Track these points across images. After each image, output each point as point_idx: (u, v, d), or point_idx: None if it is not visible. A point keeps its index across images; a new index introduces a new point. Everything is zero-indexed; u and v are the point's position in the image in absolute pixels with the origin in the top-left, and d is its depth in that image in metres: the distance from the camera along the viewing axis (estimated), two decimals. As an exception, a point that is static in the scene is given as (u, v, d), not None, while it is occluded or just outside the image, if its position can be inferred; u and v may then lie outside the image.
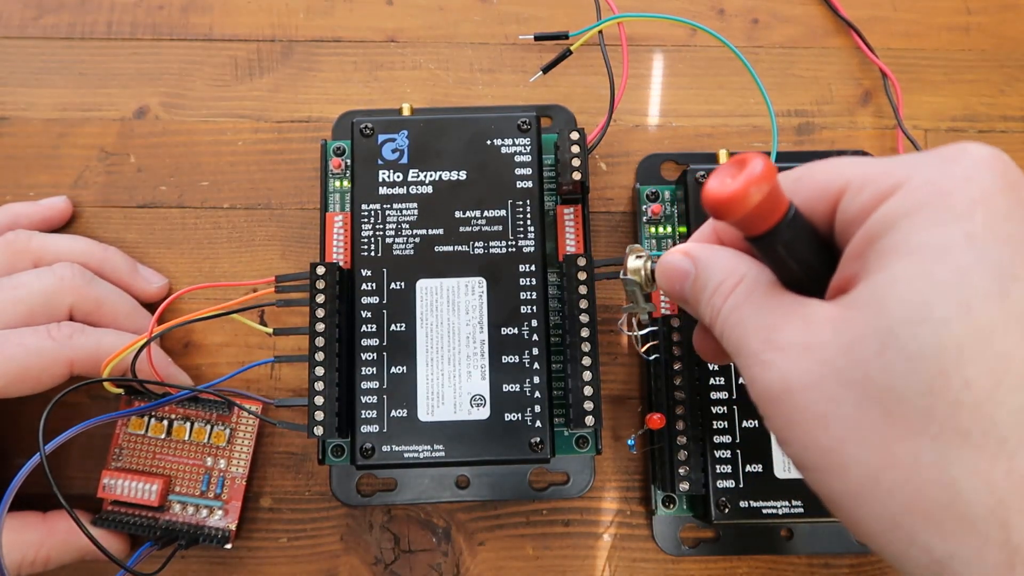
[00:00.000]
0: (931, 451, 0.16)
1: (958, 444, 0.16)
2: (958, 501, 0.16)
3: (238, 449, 0.34)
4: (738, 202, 0.18)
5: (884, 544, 0.17)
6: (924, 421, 0.16)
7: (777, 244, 0.19)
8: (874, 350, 0.17)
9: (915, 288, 0.17)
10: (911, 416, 0.16)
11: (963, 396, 0.16)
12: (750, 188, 0.18)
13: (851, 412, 0.17)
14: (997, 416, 0.16)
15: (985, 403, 0.16)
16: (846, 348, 0.17)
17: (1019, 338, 0.16)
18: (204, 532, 0.33)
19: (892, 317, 0.17)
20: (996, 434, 0.16)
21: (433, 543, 0.34)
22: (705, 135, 0.39)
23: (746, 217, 0.18)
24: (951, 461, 0.16)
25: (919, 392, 0.16)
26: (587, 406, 0.30)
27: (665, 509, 0.34)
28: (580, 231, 0.34)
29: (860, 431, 0.17)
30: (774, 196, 0.18)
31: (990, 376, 0.16)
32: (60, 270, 0.32)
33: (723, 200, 0.18)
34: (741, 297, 0.21)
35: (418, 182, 0.33)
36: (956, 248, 0.16)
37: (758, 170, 0.18)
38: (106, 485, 0.33)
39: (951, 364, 0.16)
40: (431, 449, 0.30)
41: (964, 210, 0.17)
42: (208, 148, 0.38)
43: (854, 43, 0.40)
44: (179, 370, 0.34)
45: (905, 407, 0.16)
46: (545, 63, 0.37)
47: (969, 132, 0.39)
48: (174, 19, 0.40)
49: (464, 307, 0.32)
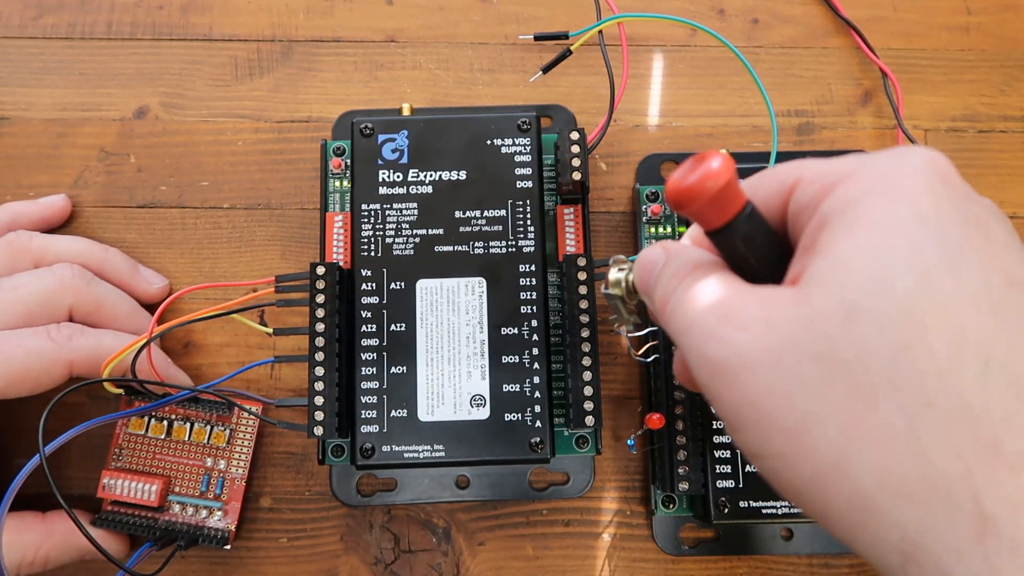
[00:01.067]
0: (900, 421, 0.16)
1: (926, 413, 0.16)
2: (930, 471, 0.16)
3: (238, 450, 0.34)
4: (695, 193, 0.19)
5: (853, 529, 0.17)
6: (891, 390, 0.16)
7: (734, 238, 0.20)
8: (838, 322, 0.17)
9: (875, 259, 0.17)
10: (878, 386, 0.16)
11: (928, 365, 0.16)
12: (707, 181, 0.19)
13: (817, 387, 0.17)
14: (961, 384, 0.16)
15: (948, 372, 0.16)
16: (809, 321, 0.17)
17: (973, 311, 0.16)
18: (203, 533, 0.33)
19: (855, 288, 0.17)
20: (961, 402, 0.16)
21: (433, 543, 0.34)
22: (705, 135, 0.39)
23: (703, 208, 0.19)
24: (920, 430, 0.16)
25: (885, 361, 0.16)
26: (587, 406, 0.30)
27: (665, 509, 0.34)
28: (580, 231, 0.34)
29: (827, 406, 0.17)
30: (730, 190, 0.19)
31: (952, 345, 0.16)
32: (60, 271, 0.32)
33: (682, 190, 0.19)
34: (698, 276, 0.20)
35: (418, 182, 0.33)
36: (909, 224, 0.17)
37: (716, 164, 0.19)
38: (106, 485, 0.33)
39: (915, 334, 0.16)
40: (431, 449, 0.30)
41: (913, 193, 0.18)
42: (208, 148, 0.38)
43: (854, 43, 0.40)
44: (179, 370, 0.34)
45: (872, 377, 0.16)
46: (545, 63, 0.37)
47: (969, 132, 0.39)
48: (174, 19, 0.40)
49: (464, 307, 0.32)
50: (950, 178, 0.19)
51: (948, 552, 0.16)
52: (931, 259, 0.17)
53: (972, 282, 0.17)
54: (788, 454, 0.17)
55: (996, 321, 0.16)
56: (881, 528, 0.16)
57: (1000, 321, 0.16)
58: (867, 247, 0.17)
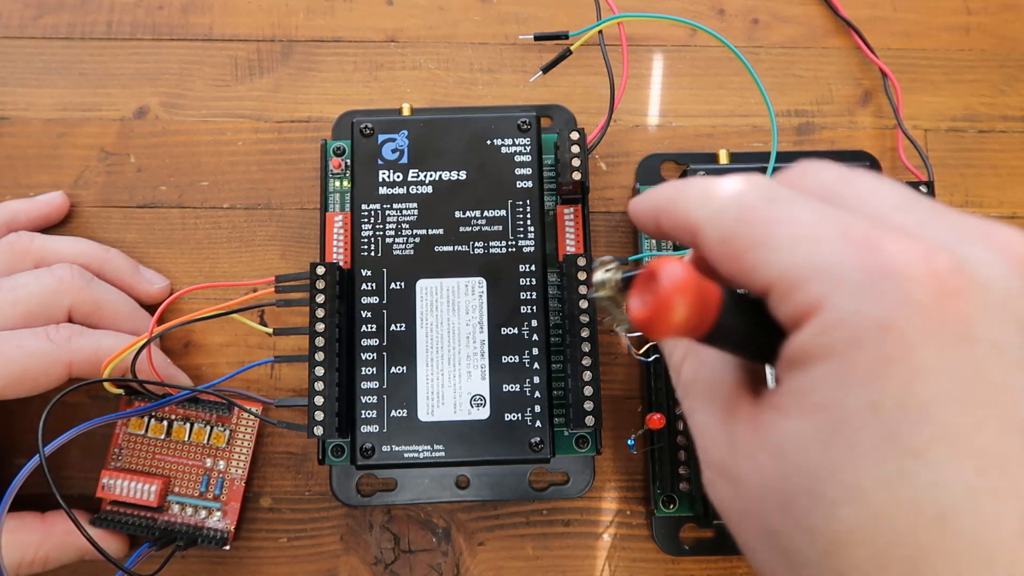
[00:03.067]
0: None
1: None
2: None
3: (238, 450, 0.34)
4: (664, 322, 0.16)
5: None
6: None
7: (723, 339, 0.18)
8: (776, 509, 0.16)
9: (809, 460, 0.16)
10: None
11: (855, 574, 0.15)
12: (673, 300, 0.16)
13: (767, 556, 0.17)
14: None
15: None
16: (758, 497, 0.17)
17: (911, 525, 0.14)
18: (203, 533, 0.33)
19: (789, 481, 0.16)
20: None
21: (433, 543, 0.34)
22: (705, 135, 0.39)
23: (680, 332, 0.17)
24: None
25: (814, 562, 0.16)
26: (587, 406, 0.30)
27: (665, 509, 0.34)
28: (580, 231, 0.34)
29: (774, 569, 0.17)
30: (701, 302, 0.17)
31: (877, 561, 0.15)
32: (59, 271, 0.32)
33: (648, 322, 0.17)
34: (687, 378, 0.20)
35: (418, 182, 0.33)
36: (856, 422, 0.15)
37: (673, 281, 0.16)
38: (105, 485, 0.33)
39: (839, 547, 0.15)
40: (431, 449, 0.30)
41: (874, 372, 0.15)
42: (208, 148, 0.38)
43: (854, 43, 0.40)
44: (178, 370, 0.34)
45: (806, 570, 0.16)
46: (545, 63, 0.37)
47: (969, 132, 0.39)
48: (174, 19, 0.40)
49: (464, 307, 0.32)
50: (944, 326, 0.15)
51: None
52: (870, 468, 0.15)
53: (918, 487, 0.15)
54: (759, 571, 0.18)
55: (935, 541, 0.15)
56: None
57: (940, 540, 0.15)
58: (808, 440, 0.16)
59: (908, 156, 0.38)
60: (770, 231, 0.17)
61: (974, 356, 0.15)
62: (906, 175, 0.38)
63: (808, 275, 0.16)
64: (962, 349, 0.15)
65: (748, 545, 0.18)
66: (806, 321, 0.16)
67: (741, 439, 0.18)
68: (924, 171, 0.37)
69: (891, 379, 0.15)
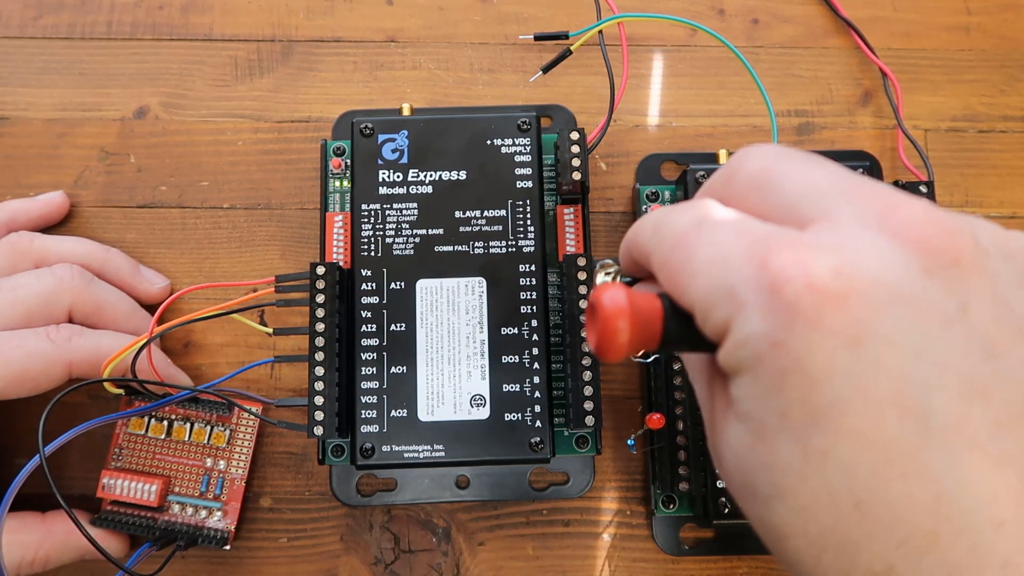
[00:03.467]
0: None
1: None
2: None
3: (238, 450, 0.34)
4: (612, 344, 0.18)
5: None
6: (785, 562, 0.18)
7: (678, 345, 0.19)
8: (739, 495, 0.18)
9: (744, 462, 0.18)
10: (778, 554, 0.18)
11: (799, 558, 0.17)
12: (615, 325, 0.17)
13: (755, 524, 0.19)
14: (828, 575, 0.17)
15: (814, 569, 0.17)
16: (728, 479, 0.19)
17: (832, 513, 0.16)
18: (203, 533, 0.33)
19: (740, 476, 0.18)
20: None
21: (433, 543, 0.34)
22: (705, 135, 0.39)
23: (631, 350, 0.18)
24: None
25: (772, 546, 0.18)
26: (587, 406, 0.30)
27: (665, 509, 0.34)
28: (580, 231, 0.34)
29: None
30: (643, 320, 0.18)
31: (813, 548, 0.16)
32: (60, 271, 0.32)
33: (598, 348, 0.18)
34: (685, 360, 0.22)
35: (418, 182, 0.33)
36: (769, 430, 0.17)
37: (611, 306, 0.17)
38: (105, 485, 0.33)
39: (782, 536, 0.17)
40: (431, 449, 0.30)
41: (774, 385, 0.16)
42: (208, 148, 0.38)
43: (854, 43, 0.40)
44: (179, 370, 0.34)
45: (772, 547, 0.18)
46: (545, 63, 0.37)
47: (969, 132, 0.39)
48: (174, 19, 0.40)
49: (464, 307, 0.32)
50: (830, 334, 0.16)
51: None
52: (788, 467, 0.16)
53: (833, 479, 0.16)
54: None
55: (858, 524, 0.16)
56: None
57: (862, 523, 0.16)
58: (739, 446, 0.18)
59: (908, 156, 0.38)
60: (693, 255, 0.18)
61: (866, 355, 0.15)
62: (906, 175, 0.38)
63: (716, 300, 0.17)
64: (852, 351, 0.15)
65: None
66: (723, 341, 0.17)
67: (719, 425, 0.19)
68: (924, 171, 0.37)
69: (790, 390, 0.16)
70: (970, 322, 0.16)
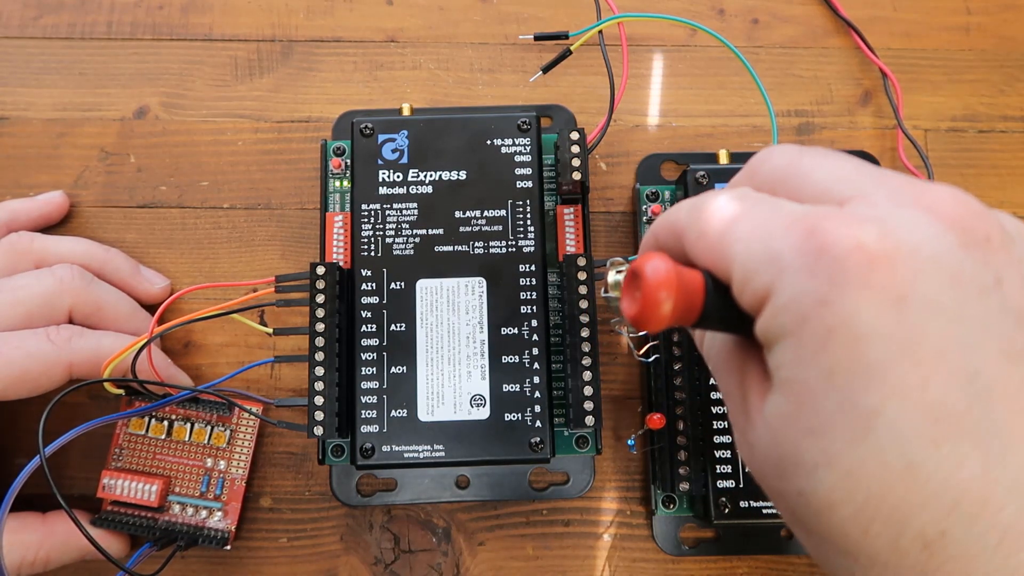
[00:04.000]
0: (838, 564, 0.17)
1: (852, 563, 0.17)
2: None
3: (238, 450, 0.34)
4: (654, 316, 0.17)
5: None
6: (824, 543, 0.17)
7: (716, 322, 0.19)
8: (775, 475, 0.18)
9: (787, 430, 0.17)
10: (818, 540, 0.18)
11: (843, 530, 0.17)
12: (659, 296, 0.17)
13: (783, 512, 0.19)
14: (875, 547, 0.16)
15: (861, 538, 0.16)
16: (764, 460, 0.18)
17: (882, 477, 0.16)
18: (203, 533, 0.33)
19: (780, 452, 0.18)
20: (878, 560, 0.16)
21: (433, 543, 0.34)
22: (705, 135, 0.39)
23: (672, 322, 0.18)
24: (850, 573, 0.17)
25: (813, 522, 0.17)
26: (587, 406, 0.30)
27: (665, 509, 0.34)
28: (580, 231, 0.34)
29: (793, 527, 0.19)
30: (685, 292, 0.18)
31: (861, 516, 0.16)
32: (60, 272, 0.32)
33: (638, 318, 0.18)
34: (708, 347, 0.22)
35: (418, 182, 0.33)
36: (815, 391, 0.16)
37: (656, 277, 0.17)
38: (106, 485, 0.33)
39: (825, 506, 0.17)
40: (431, 449, 0.30)
41: (820, 344, 0.16)
42: (208, 148, 0.38)
43: (854, 43, 0.40)
44: (179, 370, 0.34)
45: (812, 533, 0.18)
46: (545, 63, 0.37)
47: (969, 132, 0.39)
48: (174, 19, 0.40)
49: (464, 307, 0.32)
50: (877, 287, 0.16)
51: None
52: (838, 431, 0.16)
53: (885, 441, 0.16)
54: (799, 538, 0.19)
55: (909, 489, 0.16)
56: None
57: (913, 487, 0.16)
58: (784, 414, 0.17)
59: (908, 156, 0.38)
60: (734, 226, 0.18)
61: (911, 316, 0.16)
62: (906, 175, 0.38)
63: (758, 266, 0.17)
64: (898, 311, 0.16)
65: (776, 505, 0.19)
66: (762, 308, 0.17)
67: (753, 407, 0.19)
68: (924, 171, 0.37)
69: (837, 348, 0.16)
70: (1004, 294, 0.16)
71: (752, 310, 0.18)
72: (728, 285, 0.18)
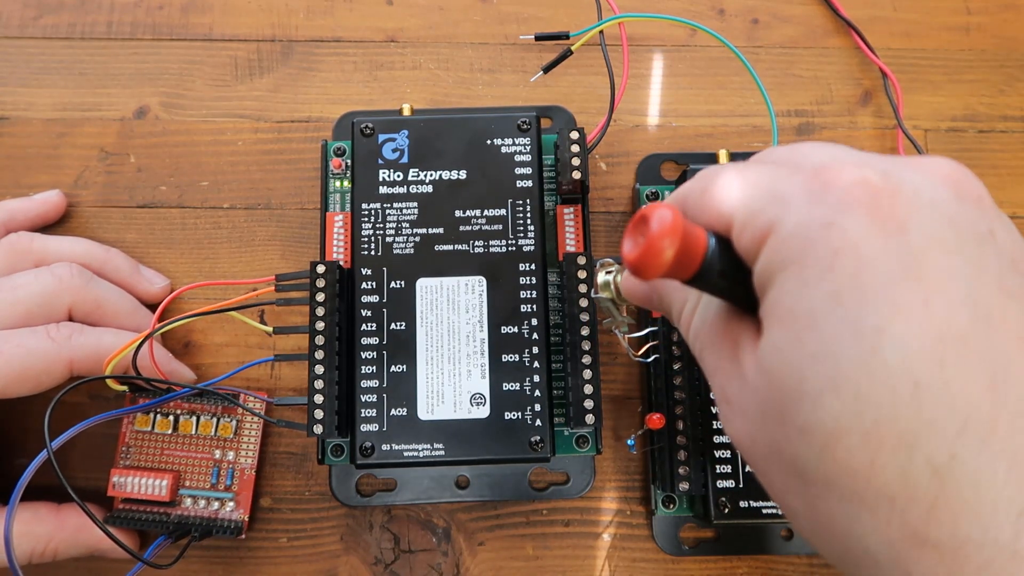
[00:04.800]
0: (840, 513, 0.17)
1: (857, 506, 0.17)
2: (867, 556, 0.17)
3: (245, 439, 0.34)
4: (654, 262, 0.17)
5: (842, 573, 0.19)
6: (828, 487, 0.17)
7: (711, 279, 0.19)
8: (775, 422, 0.18)
9: (790, 361, 0.17)
10: (818, 483, 0.17)
11: (850, 464, 0.16)
12: (662, 243, 0.17)
13: (778, 474, 0.18)
14: (883, 478, 0.16)
15: (869, 469, 0.16)
16: (762, 415, 0.18)
17: (890, 398, 0.16)
18: (217, 524, 0.33)
19: (780, 390, 0.17)
20: (886, 494, 0.16)
21: (433, 543, 0.34)
22: (705, 135, 0.39)
23: (669, 271, 0.18)
24: (854, 522, 0.17)
25: (816, 463, 0.17)
26: (587, 405, 0.30)
27: (665, 509, 0.34)
28: (580, 231, 0.34)
29: (790, 490, 0.18)
30: (688, 241, 0.18)
31: (868, 443, 0.16)
32: (58, 270, 0.32)
33: (638, 262, 0.18)
34: (697, 326, 0.22)
35: (418, 181, 0.33)
36: (820, 313, 0.16)
37: (662, 224, 0.17)
38: (116, 483, 0.33)
39: (831, 437, 0.16)
40: (431, 448, 0.30)
41: (825, 265, 0.16)
42: (208, 148, 0.38)
43: (854, 43, 0.40)
44: (181, 365, 0.34)
45: (811, 475, 0.17)
46: (545, 63, 0.37)
47: (969, 132, 0.39)
48: (174, 19, 0.40)
49: (464, 306, 0.32)
50: (880, 216, 0.16)
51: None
52: (844, 352, 0.16)
53: (893, 362, 0.16)
54: (784, 509, 0.19)
55: (917, 411, 0.16)
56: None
57: (920, 409, 0.16)
58: (785, 345, 0.17)
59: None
60: (739, 177, 0.19)
61: (912, 243, 0.16)
62: (906, 175, 0.38)
63: (763, 205, 0.18)
64: (900, 238, 0.16)
65: (765, 473, 0.19)
66: (763, 245, 0.18)
67: (747, 370, 0.19)
68: (924, 171, 0.37)
69: (842, 269, 0.16)
70: (998, 243, 0.17)
71: (752, 251, 0.18)
72: (728, 240, 0.19)
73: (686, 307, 0.22)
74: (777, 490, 0.19)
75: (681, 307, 0.22)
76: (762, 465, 0.19)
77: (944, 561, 0.16)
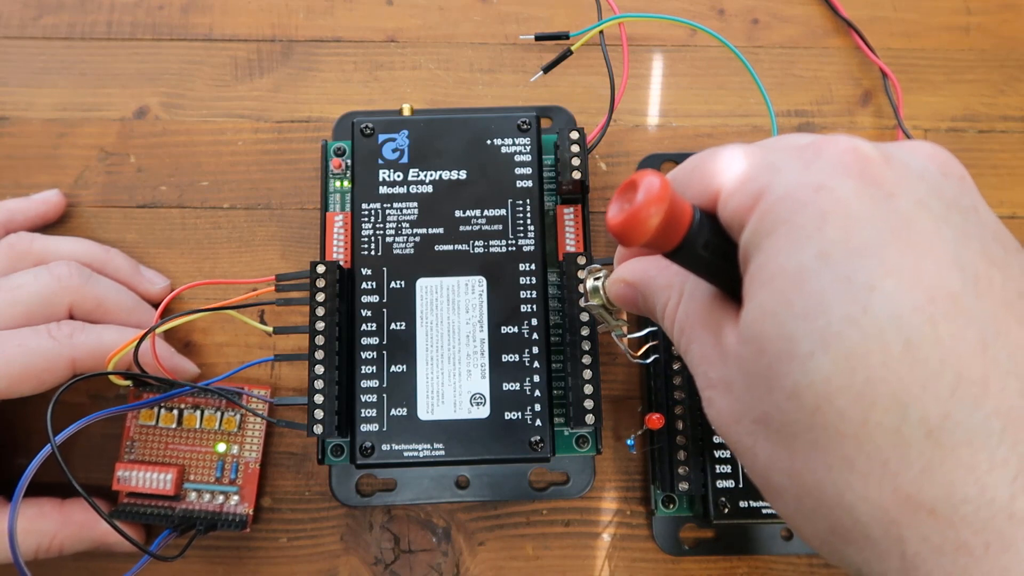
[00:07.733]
0: (829, 481, 0.17)
1: (848, 471, 0.16)
2: (858, 524, 0.16)
3: (249, 433, 0.34)
4: (639, 228, 0.17)
5: (825, 556, 0.18)
6: (816, 453, 0.17)
7: (695, 252, 0.19)
8: (763, 389, 0.17)
9: (779, 322, 0.17)
10: (806, 449, 0.17)
11: (841, 426, 0.16)
12: (648, 210, 0.17)
13: (765, 446, 0.18)
14: (875, 440, 0.16)
15: (861, 430, 0.16)
16: (748, 387, 0.18)
17: (882, 357, 0.15)
18: (221, 518, 0.33)
19: (767, 354, 0.17)
20: (878, 457, 0.16)
21: (433, 543, 0.34)
22: (705, 135, 0.39)
23: (653, 239, 0.18)
24: (844, 488, 0.16)
25: (805, 427, 0.17)
26: (587, 404, 0.30)
27: (665, 509, 0.34)
28: (580, 231, 0.34)
29: (776, 463, 0.18)
30: (674, 211, 0.18)
31: (860, 403, 0.16)
32: (57, 269, 0.32)
33: (623, 227, 0.17)
34: (681, 319, 0.22)
35: (418, 181, 0.33)
36: (810, 272, 0.16)
37: (650, 191, 0.17)
38: (120, 477, 0.33)
39: (822, 398, 0.16)
40: (431, 448, 0.30)
41: (815, 225, 0.16)
42: (208, 148, 0.38)
43: (854, 43, 0.40)
44: (184, 359, 0.34)
45: (799, 441, 0.17)
46: (545, 63, 0.37)
47: (969, 132, 0.39)
48: (174, 19, 0.40)
49: (464, 306, 0.32)
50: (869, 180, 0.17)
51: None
52: (834, 311, 0.16)
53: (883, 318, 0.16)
54: (767, 491, 0.19)
55: (910, 369, 0.15)
56: (842, 562, 0.18)
57: (913, 368, 0.15)
58: (773, 306, 0.17)
59: (908, 156, 0.38)
60: (729, 152, 0.19)
61: (901, 208, 0.16)
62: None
63: (754, 173, 0.18)
64: (889, 202, 0.16)
65: (749, 451, 0.19)
66: (753, 210, 0.18)
67: (730, 346, 0.19)
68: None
69: (832, 228, 0.16)
70: (981, 217, 0.18)
71: (739, 219, 0.18)
72: (715, 215, 0.19)
73: (669, 303, 0.22)
74: (761, 468, 0.19)
75: (665, 303, 0.22)
76: (747, 442, 0.19)
77: (939, 525, 0.15)
